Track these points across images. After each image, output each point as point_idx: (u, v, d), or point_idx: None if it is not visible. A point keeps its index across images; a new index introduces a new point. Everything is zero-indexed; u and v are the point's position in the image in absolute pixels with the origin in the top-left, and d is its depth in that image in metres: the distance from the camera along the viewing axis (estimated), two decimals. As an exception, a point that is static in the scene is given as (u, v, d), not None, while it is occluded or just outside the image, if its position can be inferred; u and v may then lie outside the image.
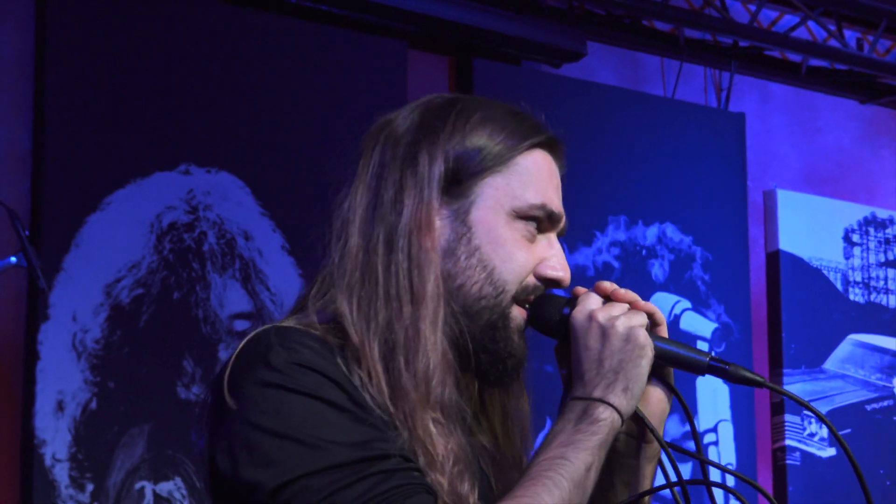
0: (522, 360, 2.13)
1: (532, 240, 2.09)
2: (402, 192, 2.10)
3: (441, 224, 2.06)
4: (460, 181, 2.12)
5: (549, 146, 2.14)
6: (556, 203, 2.09)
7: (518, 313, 2.10)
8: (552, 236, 2.12)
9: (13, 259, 4.41)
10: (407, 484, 1.95)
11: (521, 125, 2.14)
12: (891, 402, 6.62)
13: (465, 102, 2.16)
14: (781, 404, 6.29)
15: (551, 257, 2.08)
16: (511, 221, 2.07)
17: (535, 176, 2.13)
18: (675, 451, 2.02)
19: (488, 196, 2.10)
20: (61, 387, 4.83)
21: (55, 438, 4.79)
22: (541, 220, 2.08)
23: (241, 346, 2.01)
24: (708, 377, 5.51)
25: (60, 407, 4.82)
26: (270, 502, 1.95)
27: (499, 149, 2.12)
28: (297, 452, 1.98)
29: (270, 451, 1.99)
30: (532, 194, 2.11)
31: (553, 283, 2.07)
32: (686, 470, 5.67)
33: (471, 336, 2.08)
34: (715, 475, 5.09)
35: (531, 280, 2.06)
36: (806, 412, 6.30)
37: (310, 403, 1.98)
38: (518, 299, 2.08)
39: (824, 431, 6.36)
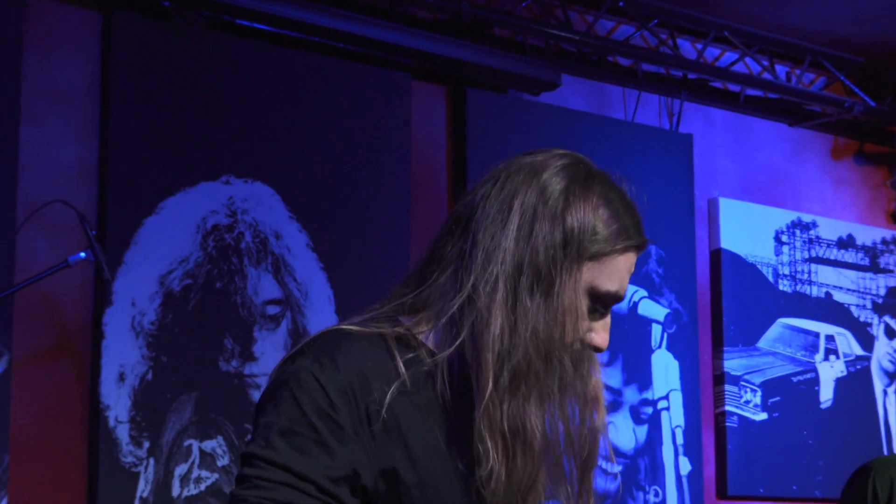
0: None
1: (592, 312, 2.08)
2: (520, 232, 2.08)
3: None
4: (574, 251, 2.10)
5: (640, 248, 2.13)
6: (624, 289, 2.09)
7: None
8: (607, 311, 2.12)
9: (83, 254, 4.46)
10: None
11: (629, 223, 2.12)
12: (813, 374, 6.66)
13: (602, 182, 2.14)
14: (722, 376, 6.32)
15: (601, 330, 2.10)
16: (586, 294, 2.09)
17: (622, 271, 2.12)
18: None
19: (582, 274, 2.09)
20: (122, 361, 4.88)
21: (117, 404, 4.84)
22: (606, 298, 2.10)
23: (302, 344, 2.08)
24: (661, 354, 5.53)
25: (121, 378, 4.87)
26: (243, 466, 2.02)
27: (605, 240, 2.10)
28: (265, 434, 2.03)
29: (261, 426, 2.05)
30: (612, 284, 2.10)
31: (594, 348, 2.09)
32: (642, 432, 5.62)
33: None
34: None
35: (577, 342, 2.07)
36: (743, 383, 6.34)
37: (294, 412, 2.02)
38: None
39: (758, 399, 6.39)
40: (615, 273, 2.07)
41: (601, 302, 2.06)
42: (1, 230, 4.64)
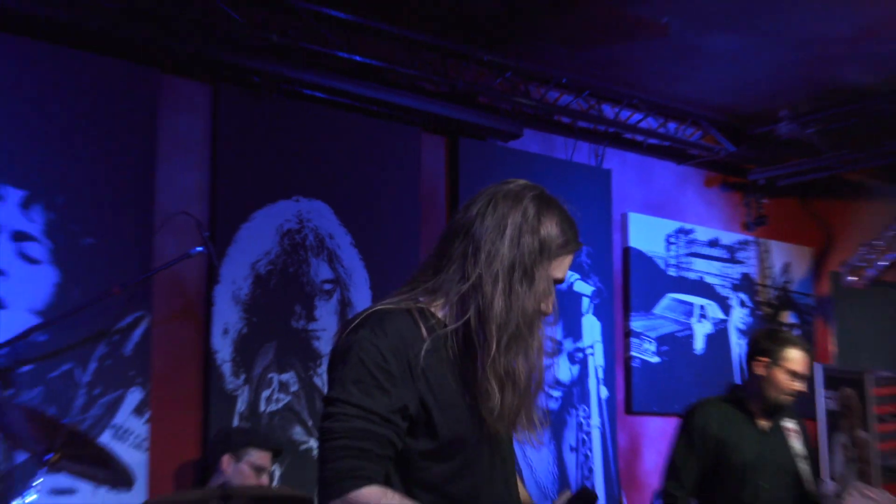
0: None
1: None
2: (503, 241, 2.19)
3: None
4: (545, 255, 2.24)
5: (578, 249, 2.31)
6: (566, 276, 2.28)
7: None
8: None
9: (199, 248, 4.45)
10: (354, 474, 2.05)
11: (572, 234, 2.28)
12: (689, 331, 6.67)
13: (556, 206, 2.29)
14: (629, 332, 6.35)
15: (551, 302, 2.23)
16: (542, 279, 2.20)
17: (567, 265, 2.28)
18: None
19: (550, 268, 2.25)
20: (226, 320, 4.89)
21: (222, 349, 4.87)
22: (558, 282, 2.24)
23: (356, 318, 2.12)
24: (588, 317, 5.42)
25: (225, 332, 4.89)
26: (326, 407, 2.05)
27: (558, 247, 2.25)
28: (342, 384, 2.06)
29: (336, 379, 2.08)
30: (562, 273, 2.28)
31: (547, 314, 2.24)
32: (575, 370, 5.53)
33: None
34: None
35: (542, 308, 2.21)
36: (643, 337, 6.36)
37: (362, 369, 2.06)
38: None
39: (653, 347, 6.41)
40: (565, 266, 2.26)
41: (554, 285, 2.22)
42: (144, 233, 4.66)
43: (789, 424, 4.44)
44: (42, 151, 4.43)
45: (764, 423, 4.43)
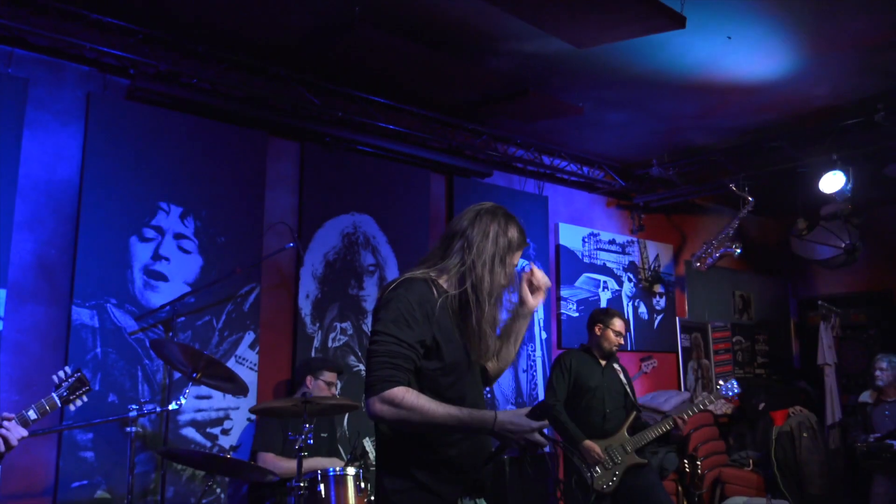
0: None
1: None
2: (486, 240, 2.20)
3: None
4: (510, 249, 2.24)
5: (526, 246, 2.27)
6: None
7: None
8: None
9: (291, 244, 4.41)
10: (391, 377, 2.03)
11: (519, 233, 2.27)
12: (597, 297, 6.59)
13: (514, 219, 2.27)
14: (559, 298, 6.26)
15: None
16: (507, 265, 2.20)
17: (519, 255, 2.26)
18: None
19: (511, 258, 2.23)
20: (307, 290, 4.87)
21: (305, 307, 4.84)
22: (515, 266, 2.24)
23: (392, 282, 2.09)
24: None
25: (307, 296, 4.87)
26: (373, 336, 2.00)
27: (518, 244, 2.26)
28: (384, 322, 2.01)
29: (380, 319, 2.03)
30: (517, 261, 2.27)
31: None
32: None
33: None
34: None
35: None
36: (569, 300, 6.29)
37: (398, 313, 2.02)
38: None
39: (574, 307, 6.34)
40: (519, 256, 2.25)
41: (513, 268, 2.23)
42: (256, 235, 4.63)
43: (615, 365, 4.69)
44: (194, 183, 4.42)
45: (603, 363, 4.56)
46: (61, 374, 2.85)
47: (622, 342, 4.67)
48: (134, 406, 3.46)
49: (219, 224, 4.47)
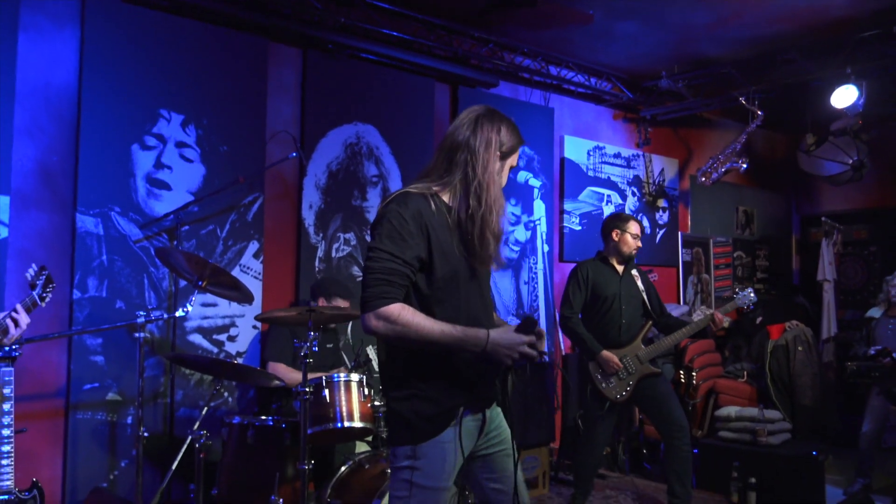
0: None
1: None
2: (489, 151, 2.15)
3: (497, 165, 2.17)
4: (509, 153, 2.22)
5: (523, 144, 2.24)
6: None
7: None
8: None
9: (294, 154, 4.36)
10: (385, 294, 2.01)
11: (517, 136, 2.23)
12: (600, 211, 6.57)
13: (509, 122, 2.22)
14: (563, 211, 6.24)
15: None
16: (504, 167, 2.19)
17: (517, 155, 2.24)
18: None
19: (509, 160, 2.22)
20: (311, 200, 4.84)
21: (308, 217, 4.83)
22: (513, 168, 2.25)
23: (389, 196, 2.06)
24: (538, 202, 5.24)
25: (310, 206, 4.85)
26: (369, 252, 1.99)
27: (512, 147, 2.22)
28: (380, 238, 2.00)
29: (376, 235, 2.01)
30: (515, 162, 2.26)
31: None
32: (529, 234, 5.40)
33: None
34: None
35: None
36: (572, 213, 6.27)
37: (392, 228, 2.00)
38: None
39: (577, 220, 6.33)
40: (517, 156, 2.24)
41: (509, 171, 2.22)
42: (259, 143, 4.56)
43: (634, 272, 4.55)
44: (195, 91, 4.33)
45: (620, 269, 4.51)
46: (31, 272, 2.97)
47: (640, 245, 4.52)
48: (141, 312, 3.50)
49: (221, 132, 4.40)
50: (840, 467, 5.87)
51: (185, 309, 3.62)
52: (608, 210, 6.59)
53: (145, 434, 3.68)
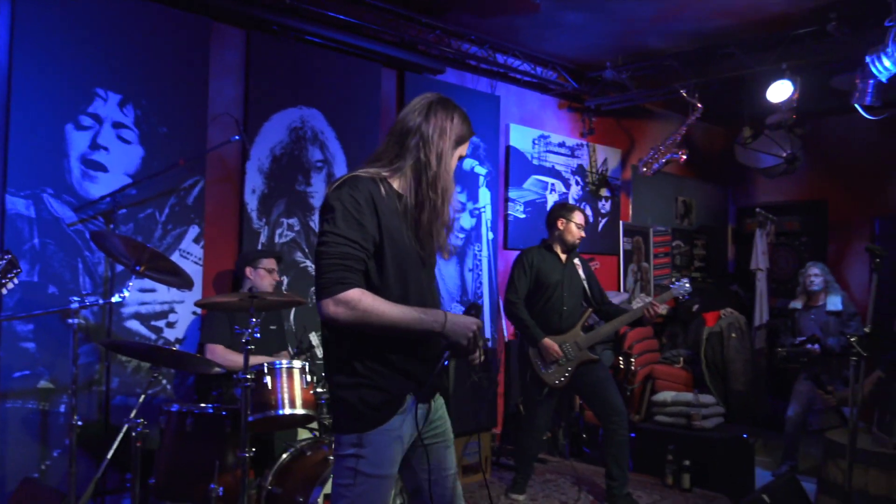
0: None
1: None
2: (443, 139, 2.15)
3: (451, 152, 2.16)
4: (461, 142, 2.22)
5: (472, 135, 2.25)
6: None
7: None
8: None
9: (237, 137, 4.29)
10: (342, 280, 1.98)
11: (468, 126, 2.23)
12: (544, 199, 6.61)
13: (461, 112, 2.23)
14: (501, 199, 6.27)
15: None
16: (456, 156, 2.19)
17: (466, 146, 2.25)
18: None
19: (459, 150, 2.21)
20: (253, 185, 4.78)
21: (251, 202, 4.77)
22: (462, 157, 2.22)
23: (338, 180, 2.03)
24: (483, 189, 5.25)
25: (253, 191, 4.78)
26: (321, 237, 1.97)
27: (464, 136, 2.23)
28: (334, 222, 1.97)
29: (329, 219, 1.98)
30: (465, 151, 2.25)
31: None
32: (474, 222, 5.39)
33: None
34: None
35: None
36: (517, 201, 6.30)
37: (346, 212, 1.98)
38: None
39: (521, 208, 6.36)
40: (465, 146, 2.23)
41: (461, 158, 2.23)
42: (200, 126, 4.46)
43: (576, 261, 4.63)
44: (133, 70, 4.21)
45: (563, 258, 4.59)
46: None
47: (584, 235, 4.61)
48: (75, 298, 3.38)
49: (160, 113, 4.28)
50: (769, 450, 6.09)
51: (121, 294, 3.52)
52: (552, 199, 6.65)
53: (79, 423, 3.59)
